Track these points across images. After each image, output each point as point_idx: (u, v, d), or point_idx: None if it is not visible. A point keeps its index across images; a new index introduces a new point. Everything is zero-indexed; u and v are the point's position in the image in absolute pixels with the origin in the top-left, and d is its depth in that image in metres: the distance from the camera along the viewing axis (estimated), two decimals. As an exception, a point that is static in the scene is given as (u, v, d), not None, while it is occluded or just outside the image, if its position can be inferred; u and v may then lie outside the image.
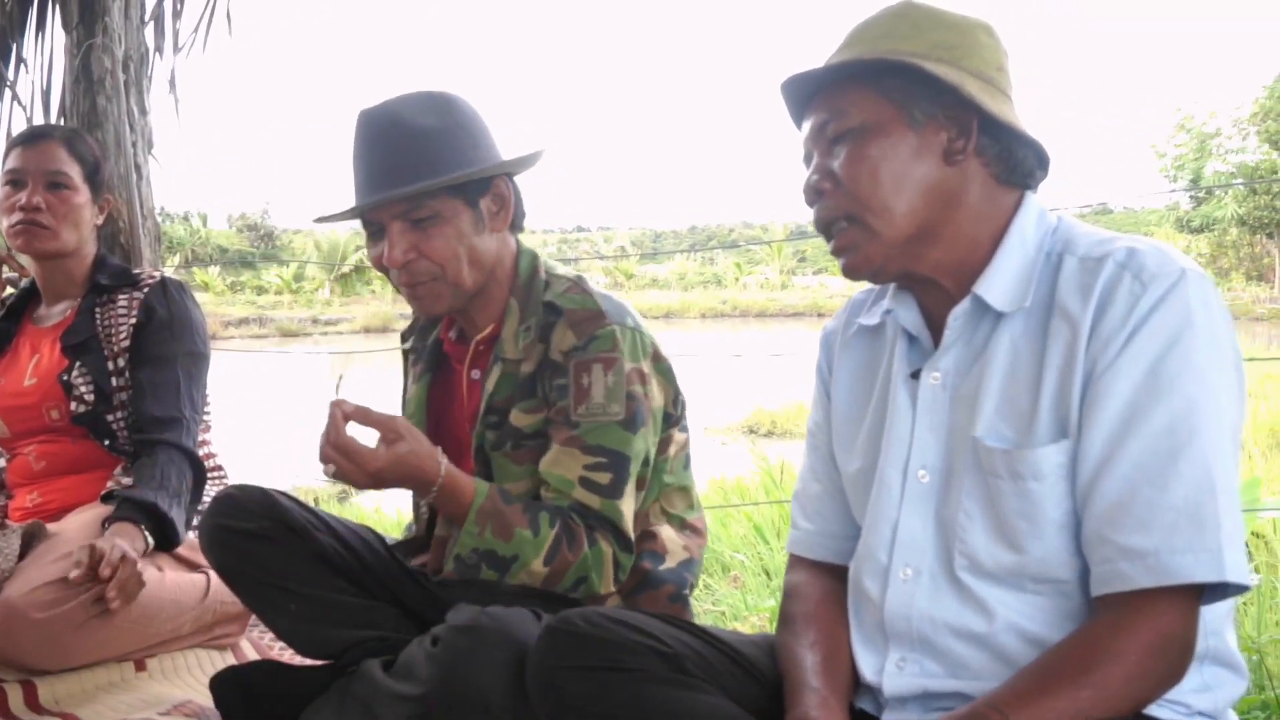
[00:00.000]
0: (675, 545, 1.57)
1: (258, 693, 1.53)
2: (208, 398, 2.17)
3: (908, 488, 1.09)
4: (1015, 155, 1.06)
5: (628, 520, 1.46)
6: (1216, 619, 1.00)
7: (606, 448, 1.44)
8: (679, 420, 1.60)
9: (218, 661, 1.96)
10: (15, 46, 2.86)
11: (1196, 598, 0.92)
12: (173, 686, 1.83)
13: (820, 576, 1.21)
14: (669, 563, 1.55)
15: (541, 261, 1.57)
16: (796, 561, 1.26)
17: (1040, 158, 1.08)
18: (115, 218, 2.54)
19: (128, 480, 1.93)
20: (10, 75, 2.86)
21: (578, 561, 1.42)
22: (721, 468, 5.42)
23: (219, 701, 1.54)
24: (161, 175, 2.90)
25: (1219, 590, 0.92)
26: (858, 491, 1.17)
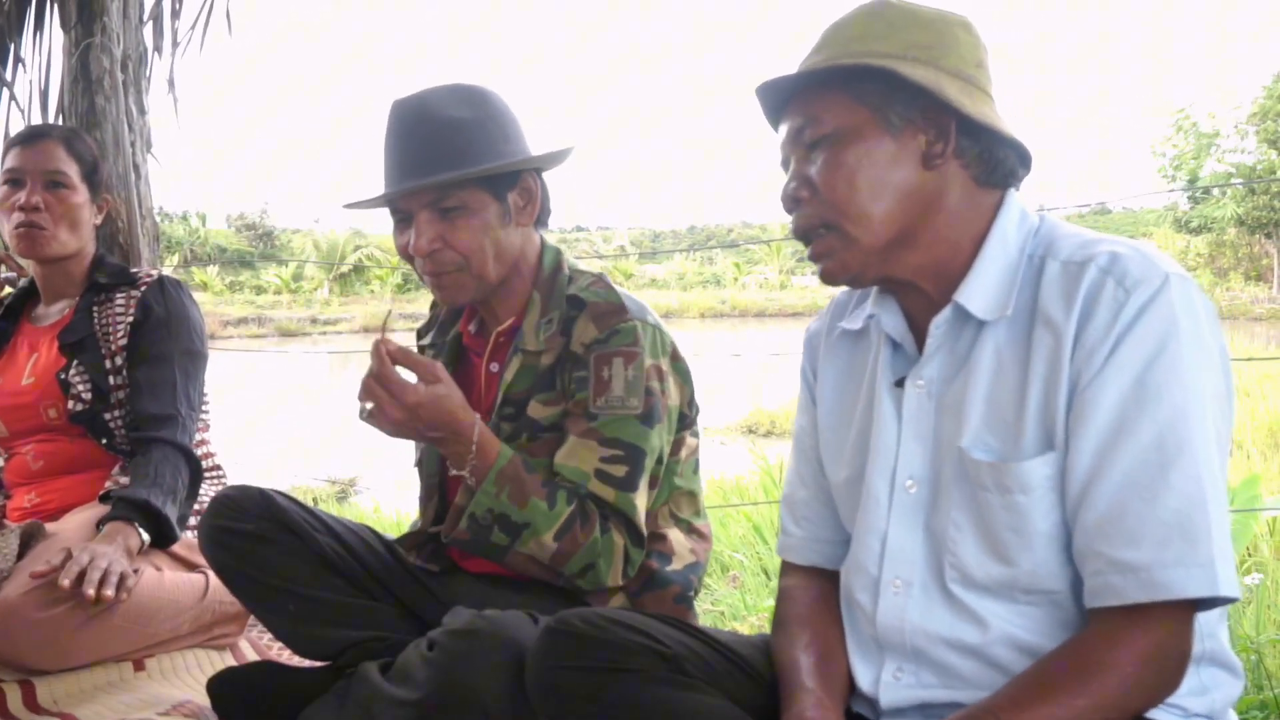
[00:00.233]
0: (683, 548, 1.57)
1: (256, 694, 1.53)
2: (206, 397, 2.17)
3: (895, 499, 1.07)
4: (996, 156, 1.03)
5: (640, 514, 1.46)
6: (1210, 621, 1.00)
7: (623, 441, 1.44)
8: (692, 423, 1.60)
9: (216, 662, 1.96)
10: (13, 46, 2.86)
11: (1191, 610, 0.92)
12: (171, 686, 1.83)
13: (813, 580, 1.21)
14: (675, 564, 1.55)
15: (565, 257, 1.58)
16: (789, 566, 1.25)
17: (1022, 157, 1.06)
18: (114, 217, 2.53)
19: (125, 479, 1.93)
20: (8, 75, 2.86)
21: (587, 544, 1.42)
22: (721, 467, 5.42)
23: (217, 703, 1.54)
24: (160, 175, 2.90)
25: (1210, 601, 0.92)
26: (846, 501, 1.16)
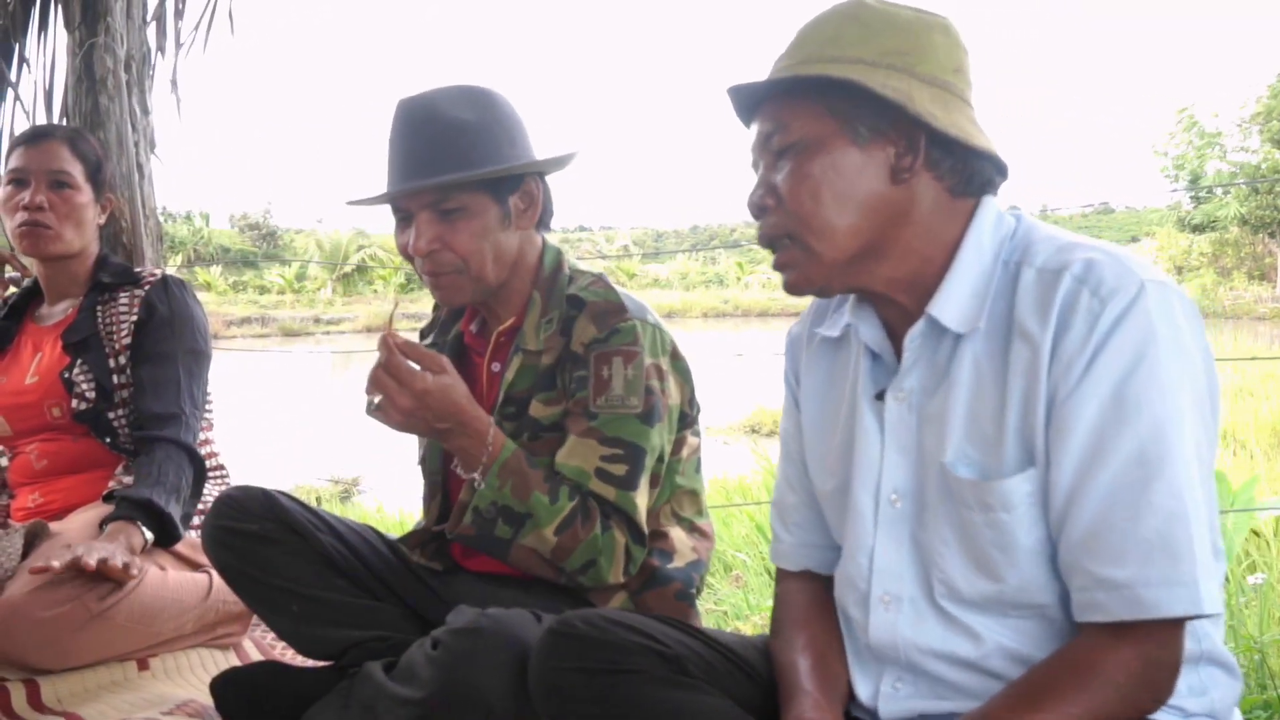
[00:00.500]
0: (684, 546, 1.57)
1: (259, 694, 1.54)
2: (209, 396, 2.18)
3: (881, 513, 1.06)
4: (970, 167, 1.01)
5: (641, 513, 1.46)
6: (1204, 621, 0.99)
7: (624, 439, 1.45)
8: (693, 422, 1.60)
9: (220, 661, 1.97)
10: (18, 46, 2.86)
11: (1178, 624, 0.91)
12: (175, 686, 1.83)
13: (807, 583, 1.21)
14: (677, 562, 1.56)
15: (566, 258, 1.58)
16: (783, 571, 1.25)
17: (999, 166, 1.03)
18: (117, 217, 2.54)
19: (129, 479, 1.93)
20: (13, 75, 2.86)
21: (588, 540, 1.42)
22: (724, 467, 5.41)
23: (220, 703, 1.54)
24: (163, 175, 2.90)
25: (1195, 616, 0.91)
26: (833, 511, 1.15)
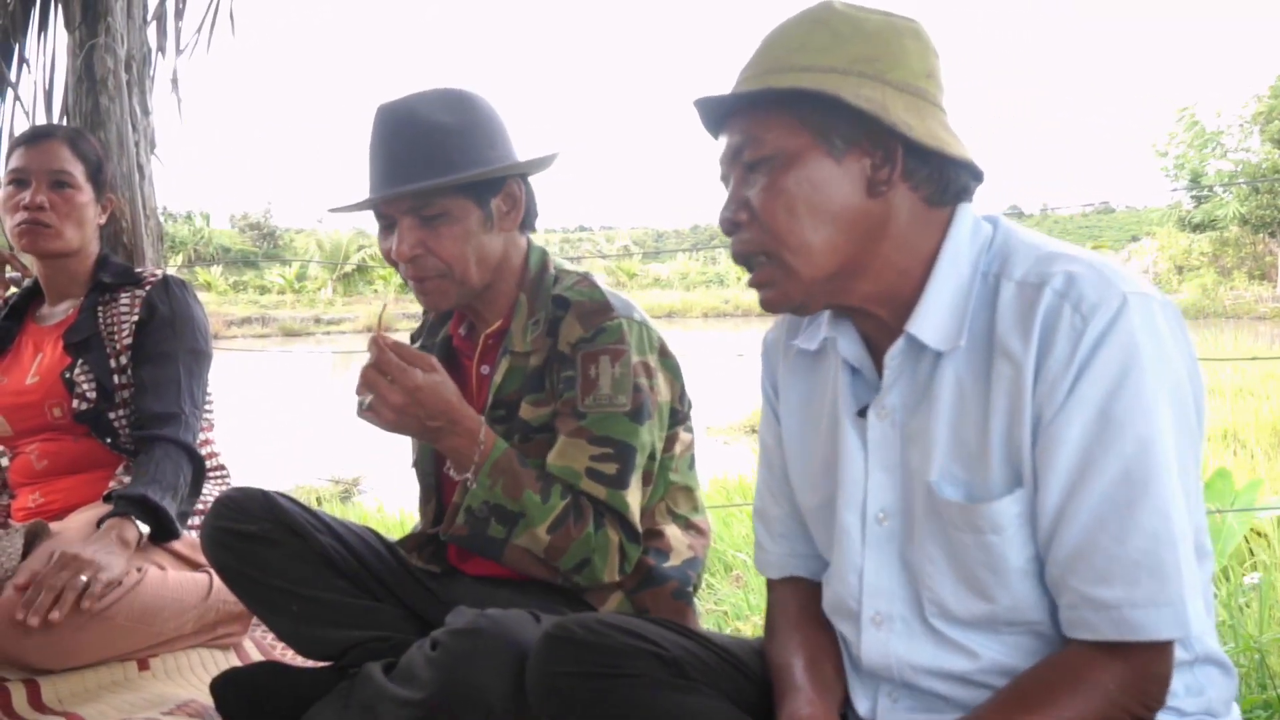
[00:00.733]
0: (680, 544, 1.57)
1: (259, 695, 1.54)
2: (210, 396, 2.18)
3: (868, 533, 1.05)
4: (947, 176, 0.99)
5: (634, 511, 1.46)
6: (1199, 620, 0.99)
7: (613, 438, 1.45)
8: (685, 418, 1.60)
9: (221, 661, 1.97)
10: (18, 47, 2.86)
11: (1167, 643, 0.91)
12: (176, 686, 1.83)
13: (797, 588, 1.20)
14: (673, 560, 1.56)
15: (551, 258, 1.58)
16: (772, 580, 1.24)
17: (974, 173, 1.01)
18: (118, 217, 2.54)
19: (129, 479, 1.93)
20: (13, 75, 2.86)
21: (580, 538, 1.42)
22: (724, 467, 5.42)
23: (221, 703, 1.54)
24: (164, 175, 2.90)
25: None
26: (819, 527, 1.14)
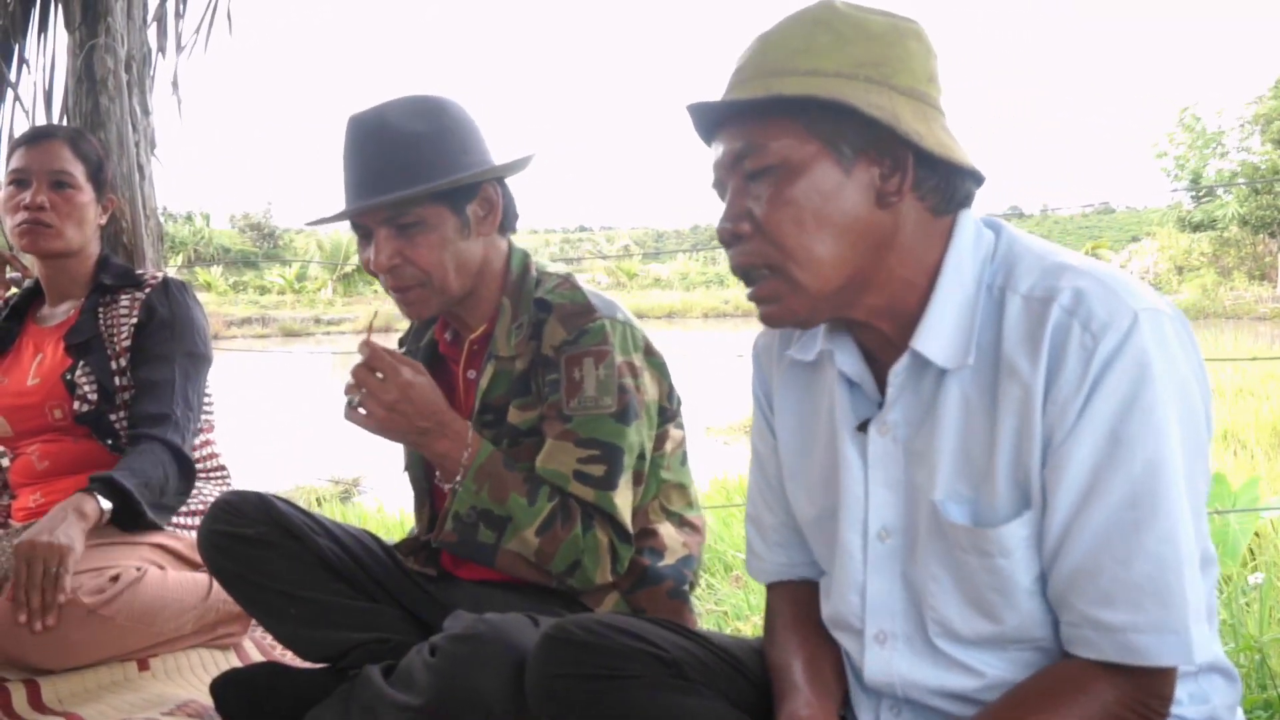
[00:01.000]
0: (675, 542, 1.57)
1: (259, 696, 1.54)
2: (209, 397, 2.18)
3: (870, 551, 1.03)
4: (953, 184, 0.96)
5: (623, 512, 1.46)
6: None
7: (600, 440, 1.45)
8: (675, 416, 1.60)
9: (220, 661, 1.97)
10: (18, 47, 2.86)
11: (1170, 669, 0.90)
12: (176, 686, 1.83)
13: (794, 590, 1.20)
14: (668, 559, 1.55)
15: (533, 260, 1.58)
16: (770, 585, 1.23)
17: (976, 179, 0.98)
18: (118, 218, 2.54)
19: None
20: (13, 76, 2.86)
21: (568, 540, 1.42)
22: (724, 467, 5.42)
23: (220, 704, 1.55)
24: (164, 175, 2.90)
25: None
26: (818, 540, 1.13)
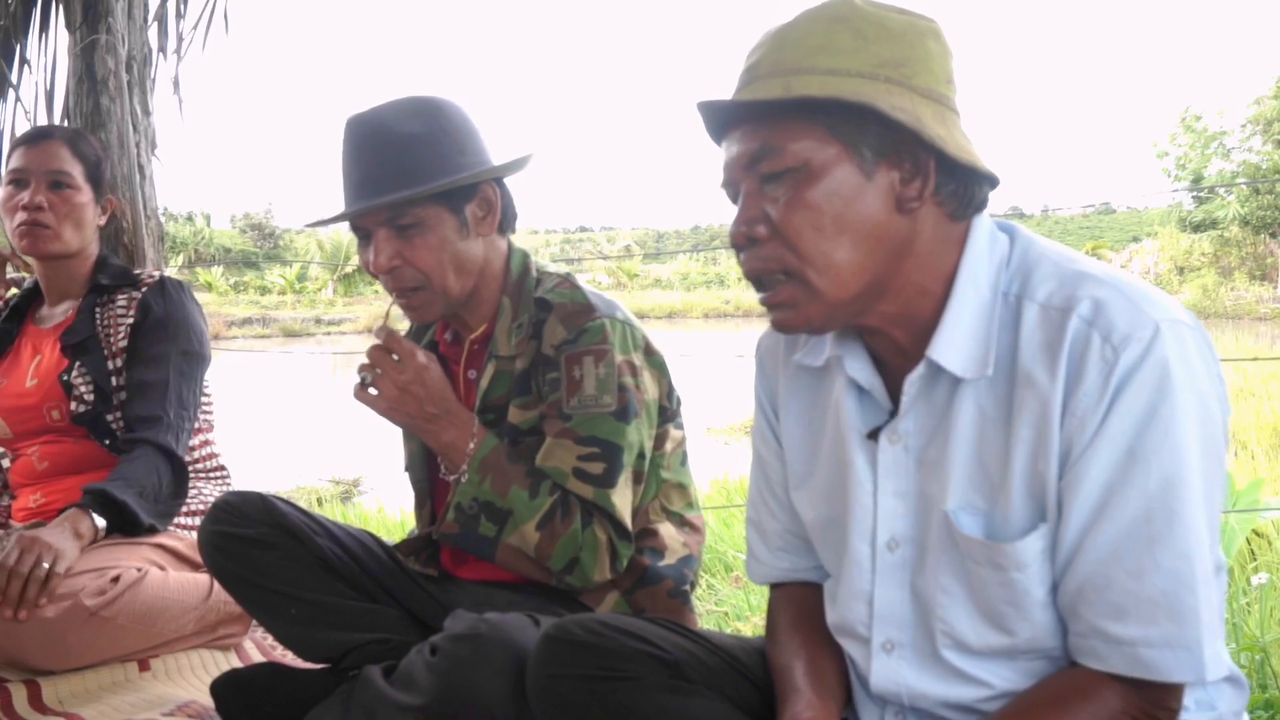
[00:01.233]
0: (675, 542, 1.57)
1: (260, 696, 1.54)
2: (209, 397, 2.18)
3: (878, 561, 1.02)
4: (971, 190, 0.95)
5: (622, 510, 1.46)
6: None
7: (599, 438, 1.45)
8: (675, 415, 1.60)
9: (221, 662, 1.97)
10: (19, 47, 2.86)
11: (1180, 685, 0.89)
12: (176, 687, 1.83)
13: (797, 591, 1.19)
14: (668, 559, 1.56)
15: (533, 260, 1.58)
16: (772, 585, 1.23)
17: (993, 183, 0.97)
18: (119, 218, 2.54)
19: None
20: (13, 76, 2.86)
21: (567, 535, 1.43)
22: (724, 467, 5.43)
23: (220, 705, 1.55)
24: (165, 175, 2.90)
25: None
26: (824, 544, 1.12)
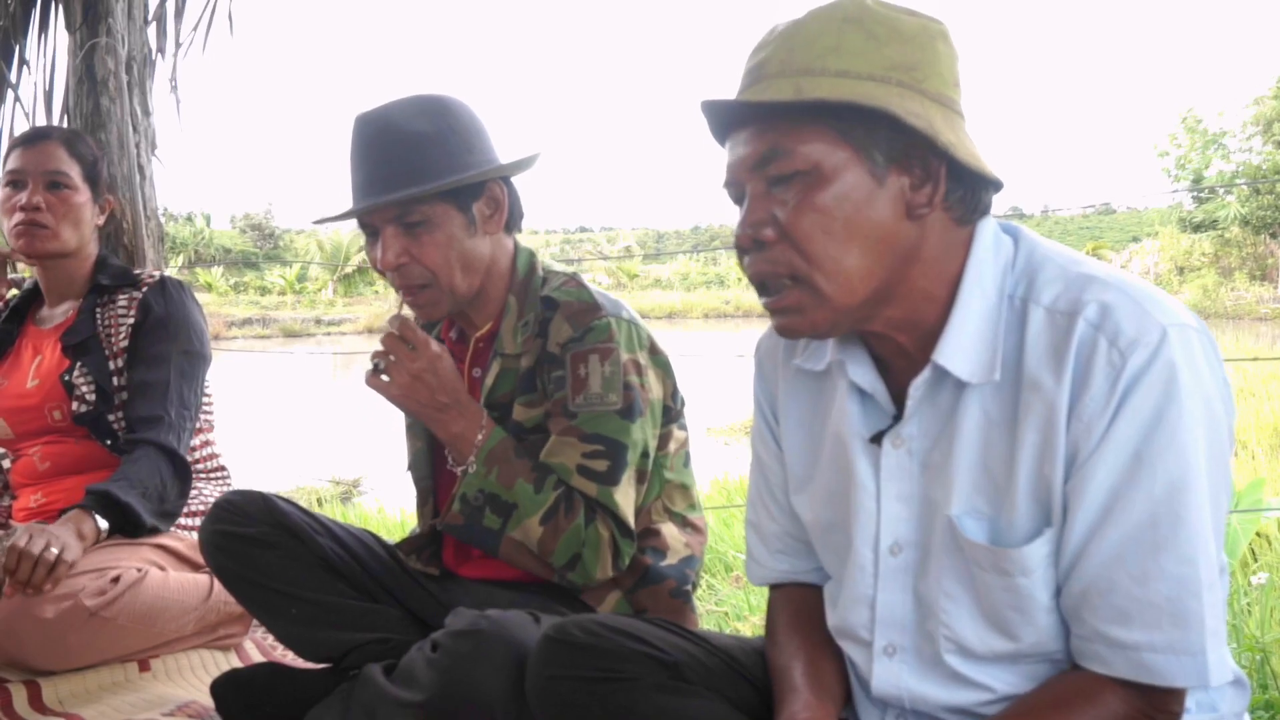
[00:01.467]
0: (677, 542, 1.57)
1: (259, 696, 1.54)
2: (209, 397, 2.18)
3: (881, 565, 1.02)
4: (977, 194, 0.94)
5: (625, 508, 1.46)
6: None
7: (604, 436, 1.45)
8: (678, 416, 1.60)
9: (221, 662, 1.97)
10: (18, 48, 2.85)
11: (1182, 690, 0.89)
12: (176, 687, 1.83)
13: (796, 591, 1.19)
14: (670, 559, 1.56)
15: (539, 260, 1.58)
16: (772, 585, 1.23)
17: (998, 187, 0.96)
18: (118, 218, 2.54)
19: None
20: (13, 76, 2.86)
21: (570, 530, 1.43)
22: (724, 468, 5.43)
23: (220, 705, 1.55)
24: (164, 175, 2.90)
25: None
26: (825, 548, 1.11)
